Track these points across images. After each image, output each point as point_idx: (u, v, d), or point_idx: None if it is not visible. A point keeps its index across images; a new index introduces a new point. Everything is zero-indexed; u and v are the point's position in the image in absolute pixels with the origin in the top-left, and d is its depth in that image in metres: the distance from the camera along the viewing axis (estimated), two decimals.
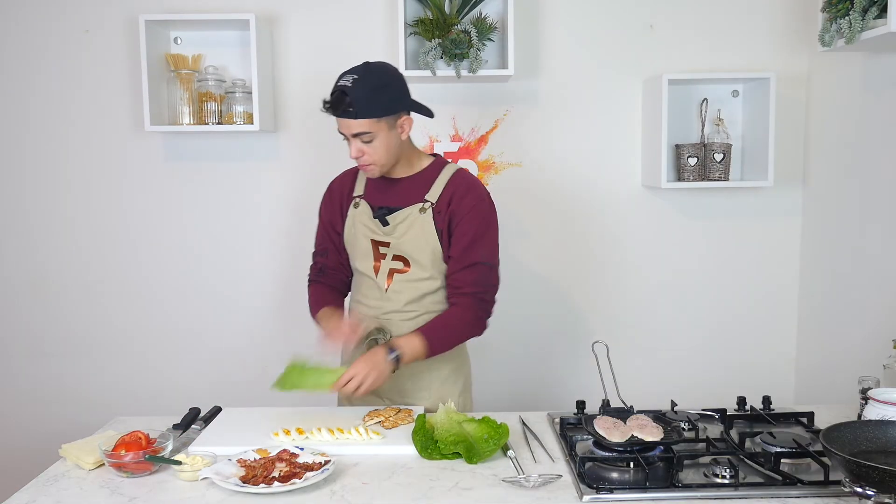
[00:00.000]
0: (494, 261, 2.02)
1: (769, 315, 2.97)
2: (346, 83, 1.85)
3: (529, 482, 1.54)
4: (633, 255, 2.95)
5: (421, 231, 1.98)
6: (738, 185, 2.79)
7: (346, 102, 1.85)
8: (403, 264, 2.00)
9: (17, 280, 2.92)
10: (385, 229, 2.00)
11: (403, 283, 2.01)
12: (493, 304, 2.02)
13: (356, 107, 1.85)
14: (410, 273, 2.00)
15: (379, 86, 1.88)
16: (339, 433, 1.77)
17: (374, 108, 1.86)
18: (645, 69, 2.86)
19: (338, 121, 1.89)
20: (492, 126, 2.89)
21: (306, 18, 2.83)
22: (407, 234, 1.98)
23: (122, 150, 2.87)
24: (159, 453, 1.63)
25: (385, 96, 1.89)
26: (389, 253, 2.01)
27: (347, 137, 1.91)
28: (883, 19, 2.03)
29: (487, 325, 2.03)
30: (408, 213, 1.99)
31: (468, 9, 2.70)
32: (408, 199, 2.00)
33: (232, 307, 2.94)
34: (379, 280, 2.03)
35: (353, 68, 1.90)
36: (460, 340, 2.04)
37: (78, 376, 2.95)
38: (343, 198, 2.10)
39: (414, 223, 1.98)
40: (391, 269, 2.01)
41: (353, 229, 2.05)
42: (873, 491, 1.31)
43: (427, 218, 1.98)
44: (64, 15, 2.81)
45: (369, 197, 2.05)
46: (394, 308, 2.03)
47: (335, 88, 1.87)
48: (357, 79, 1.86)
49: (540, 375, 2.98)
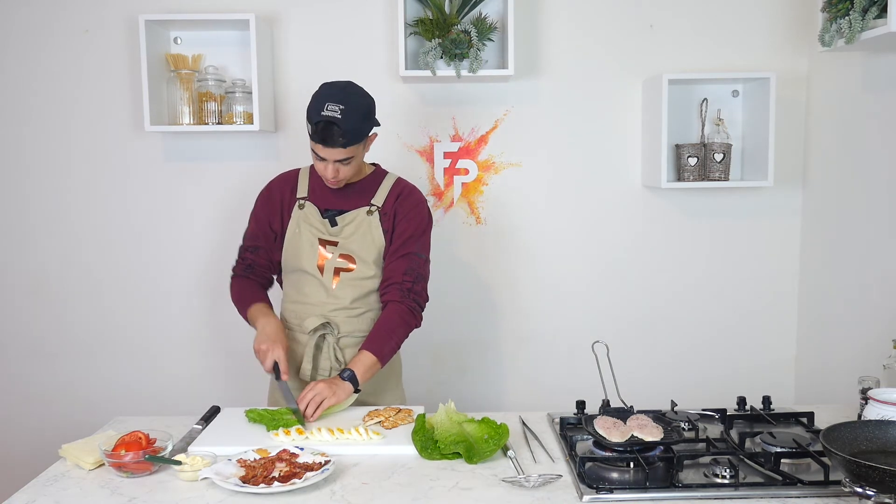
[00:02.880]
0: (427, 256, 2.14)
1: (769, 315, 2.97)
2: (334, 114, 1.89)
3: (529, 482, 1.54)
4: (632, 255, 2.95)
5: (368, 231, 2.08)
6: (738, 185, 2.79)
7: (337, 134, 1.90)
8: (349, 262, 2.08)
9: (17, 280, 2.92)
10: (333, 230, 2.09)
11: (349, 281, 2.08)
12: (423, 295, 2.11)
13: (347, 137, 1.91)
14: (356, 272, 2.08)
15: (365, 113, 1.96)
16: (339, 433, 1.77)
17: (360, 135, 1.96)
18: (645, 69, 2.86)
19: (318, 147, 1.94)
20: (492, 126, 2.89)
21: (306, 18, 2.83)
22: (355, 235, 2.08)
23: (122, 150, 2.87)
24: (159, 453, 1.63)
25: (368, 123, 1.98)
26: (336, 251, 2.08)
27: (323, 159, 1.96)
28: (883, 19, 2.03)
29: (422, 317, 2.11)
30: (356, 215, 2.09)
31: (468, 9, 2.70)
32: (354, 203, 2.10)
33: (232, 307, 2.93)
34: (325, 278, 2.09)
35: (331, 93, 1.93)
36: (403, 338, 2.08)
37: (78, 376, 2.95)
38: (284, 199, 2.15)
39: (361, 224, 2.08)
40: (336, 268, 2.09)
41: (297, 229, 2.11)
42: (873, 491, 1.32)
43: (374, 220, 2.08)
44: (64, 15, 2.81)
45: (315, 199, 2.12)
46: (340, 305, 2.09)
47: (322, 118, 1.89)
48: (344, 109, 1.90)
49: (540, 375, 2.98)
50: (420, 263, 2.10)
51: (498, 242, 2.93)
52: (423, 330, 2.91)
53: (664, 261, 2.96)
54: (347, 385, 1.93)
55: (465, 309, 2.95)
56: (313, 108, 1.93)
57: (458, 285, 2.94)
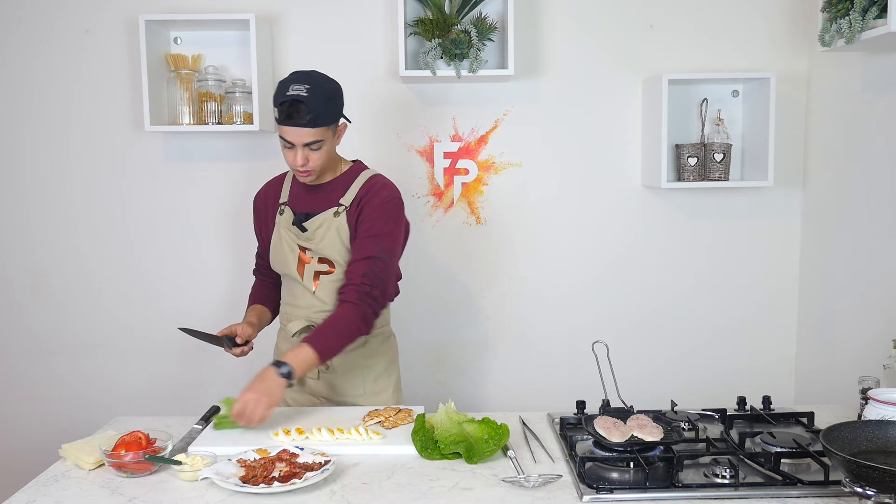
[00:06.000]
0: (391, 258, 2.02)
1: (769, 315, 2.97)
2: (299, 92, 1.87)
3: (529, 482, 1.54)
4: (633, 254, 2.95)
5: (336, 234, 2.03)
6: (738, 185, 2.79)
7: (304, 111, 1.88)
8: (328, 266, 2.06)
9: (17, 280, 2.92)
10: (304, 235, 2.05)
11: (329, 284, 2.06)
12: (381, 299, 1.99)
13: (313, 114, 1.89)
14: (335, 274, 2.06)
15: (331, 94, 1.95)
16: (339, 433, 1.77)
17: (328, 116, 1.93)
18: (645, 69, 2.86)
19: (285, 129, 1.92)
20: (492, 126, 2.89)
21: (306, 18, 2.83)
22: (325, 239, 2.04)
23: (122, 150, 2.87)
24: (159, 453, 1.63)
25: (335, 105, 1.96)
26: (314, 256, 2.06)
27: (292, 146, 1.94)
28: (883, 19, 2.03)
29: (375, 325, 1.99)
30: (323, 219, 2.04)
31: (468, 9, 2.70)
32: (326, 204, 2.06)
33: (232, 307, 2.94)
34: (306, 282, 2.07)
35: (296, 77, 1.92)
36: (349, 342, 1.96)
37: (78, 376, 2.95)
38: (269, 205, 2.16)
39: (330, 227, 2.03)
40: (316, 272, 2.07)
41: (277, 234, 2.11)
42: (873, 491, 1.32)
43: (341, 221, 2.03)
44: (64, 15, 2.81)
45: (293, 203, 2.11)
46: (323, 308, 2.07)
47: (287, 98, 1.88)
48: (310, 88, 1.89)
49: (540, 375, 2.98)
50: (381, 267, 1.97)
51: (498, 242, 2.93)
52: (423, 330, 2.94)
53: (664, 261, 2.96)
54: (280, 382, 1.80)
55: (464, 309, 2.95)
56: (278, 92, 1.91)
57: (458, 285, 2.93)
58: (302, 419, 1.90)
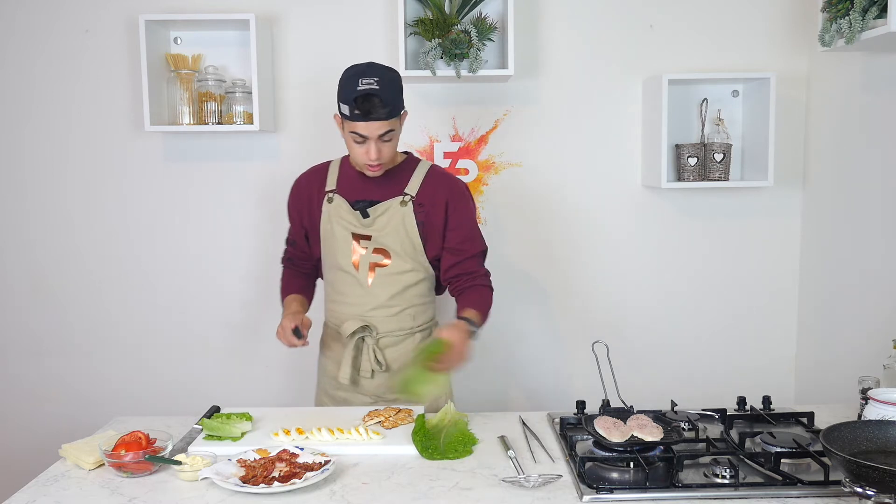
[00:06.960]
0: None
1: (769, 315, 2.97)
2: (371, 86, 1.86)
3: (529, 482, 1.54)
4: (633, 255, 2.95)
5: (402, 223, 2.00)
6: (738, 185, 2.79)
7: (379, 105, 1.86)
8: (384, 257, 2.02)
9: (17, 280, 2.92)
10: (365, 221, 2.02)
11: (385, 277, 2.03)
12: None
13: (389, 107, 1.88)
14: (392, 266, 2.02)
15: (399, 83, 1.95)
16: (339, 433, 1.77)
17: (399, 106, 1.94)
18: (645, 69, 2.86)
19: (360, 125, 1.89)
20: (492, 126, 2.89)
21: (306, 18, 2.83)
22: (388, 226, 2.01)
23: (122, 150, 2.87)
24: (159, 453, 1.63)
25: (401, 94, 1.95)
26: (370, 246, 2.02)
27: (364, 140, 1.91)
28: (883, 19, 2.03)
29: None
30: (388, 206, 2.01)
31: (468, 9, 2.70)
32: (386, 193, 2.03)
33: (232, 307, 2.94)
34: (360, 275, 2.04)
35: (360, 70, 1.91)
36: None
37: (78, 376, 2.95)
38: (313, 193, 2.11)
39: (395, 215, 2.01)
40: (372, 263, 2.03)
41: (329, 224, 2.06)
42: (873, 491, 1.32)
43: (408, 211, 2.00)
44: (64, 15, 2.81)
45: (343, 191, 2.06)
46: (377, 304, 2.04)
47: (359, 92, 1.85)
48: (380, 80, 1.87)
49: (540, 375, 2.98)
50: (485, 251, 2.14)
51: (498, 243, 2.93)
52: None
53: (664, 261, 2.96)
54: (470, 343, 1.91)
55: None
56: (347, 88, 1.88)
57: None
58: (302, 419, 1.90)
